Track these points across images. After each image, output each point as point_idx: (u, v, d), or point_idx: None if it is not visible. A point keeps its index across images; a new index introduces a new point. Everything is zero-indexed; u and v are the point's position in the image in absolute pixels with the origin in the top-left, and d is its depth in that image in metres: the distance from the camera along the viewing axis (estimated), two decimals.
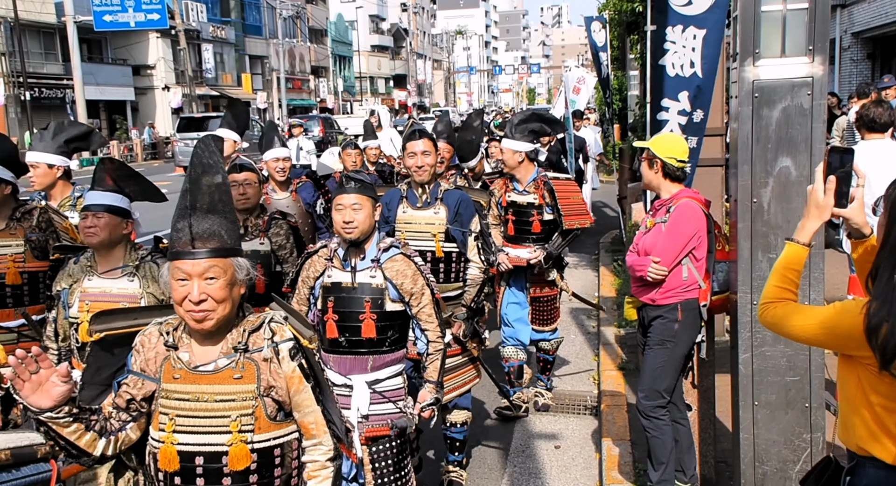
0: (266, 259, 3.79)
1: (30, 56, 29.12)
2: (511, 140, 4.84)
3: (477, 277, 3.94)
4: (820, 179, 1.99)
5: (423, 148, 3.81)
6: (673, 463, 3.63)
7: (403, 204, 3.93)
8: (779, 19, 2.93)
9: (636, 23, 11.11)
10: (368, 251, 3.07)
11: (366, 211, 3.00)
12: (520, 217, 4.92)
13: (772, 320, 2.03)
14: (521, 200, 4.91)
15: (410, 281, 3.05)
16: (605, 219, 12.92)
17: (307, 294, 3.17)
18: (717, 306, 3.63)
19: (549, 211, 4.85)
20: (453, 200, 3.86)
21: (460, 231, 3.83)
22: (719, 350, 4.02)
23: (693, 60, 4.30)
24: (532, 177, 4.88)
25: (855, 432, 1.92)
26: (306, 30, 51.64)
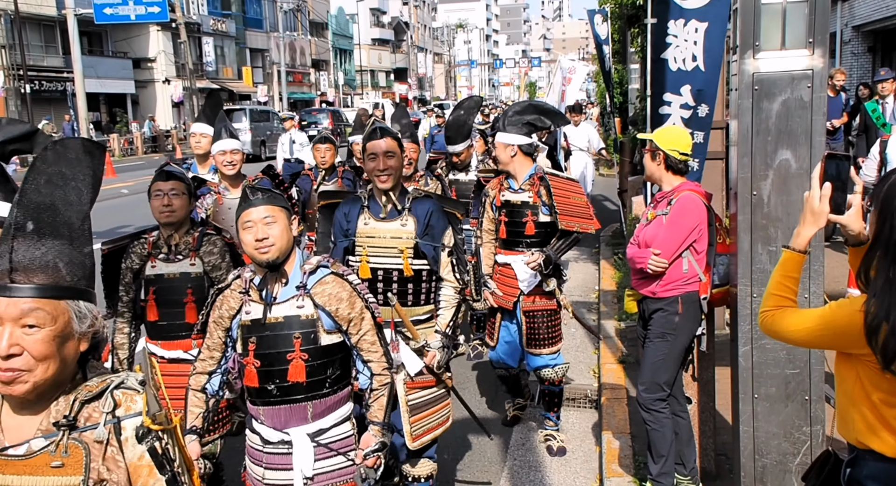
0: (198, 282, 3.36)
1: (30, 49, 29.09)
2: (503, 133, 4.32)
3: (451, 298, 3.44)
4: (816, 185, 1.99)
5: (385, 148, 3.28)
6: (673, 456, 3.63)
7: (365, 215, 3.38)
8: (779, 12, 2.93)
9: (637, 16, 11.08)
10: (291, 276, 2.54)
11: (281, 225, 2.48)
12: (513, 218, 4.37)
13: (771, 328, 2.04)
14: (515, 199, 4.36)
15: (347, 305, 2.55)
16: (606, 212, 12.92)
17: (222, 338, 2.62)
18: (718, 299, 3.64)
19: (545, 212, 4.29)
20: (423, 211, 3.35)
21: (431, 246, 3.34)
22: (719, 343, 4.02)
23: (695, 54, 4.28)
24: (529, 173, 4.34)
25: (854, 426, 1.93)
26: (307, 23, 51.52)
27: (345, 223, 3.39)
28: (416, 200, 3.38)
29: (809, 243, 2.03)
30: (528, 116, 4.32)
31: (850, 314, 1.87)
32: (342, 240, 3.39)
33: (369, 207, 3.39)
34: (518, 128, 4.29)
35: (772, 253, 3.01)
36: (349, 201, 3.45)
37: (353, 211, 3.41)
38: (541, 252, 4.27)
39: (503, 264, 4.43)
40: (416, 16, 77.32)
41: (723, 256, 3.60)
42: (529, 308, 4.39)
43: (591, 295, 7.89)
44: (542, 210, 4.29)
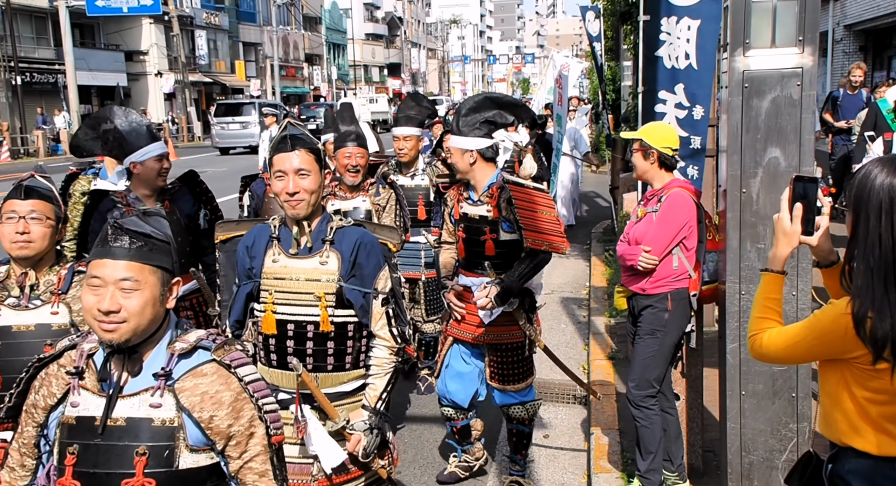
0: (61, 338, 2.27)
1: (21, 40, 28.90)
2: (459, 137, 3.63)
3: (385, 361, 2.62)
4: (785, 207, 2.01)
5: (298, 165, 2.48)
6: (661, 453, 3.65)
7: (274, 249, 2.57)
8: (769, 10, 2.94)
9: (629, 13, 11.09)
10: (149, 359, 1.76)
11: (146, 294, 1.71)
12: (471, 235, 3.69)
13: (760, 351, 2.05)
14: (473, 212, 3.69)
15: (228, 413, 1.74)
16: (597, 209, 12.94)
17: (33, 436, 1.79)
18: (707, 296, 3.65)
19: (507, 228, 3.58)
20: (349, 244, 2.55)
21: (360, 292, 2.54)
22: (708, 340, 4.04)
23: (688, 52, 4.28)
24: (489, 182, 3.64)
25: (837, 427, 1.95)
26: (300, 17, 51.35)
27: (247, 261, 2.59)
28: (340, 230, 2.56)
29: (786, 262, 2.05)
30: (486, 112, 3.62)
31: (834, 318, 1.88)
32: (245, 283, 2.60)
33: (280, 239, 2.57)
34: (475, 129, 3.60)
35: (760, 251, 3.02)
36: (255, 232, 2.64)
37: (258, 244, 2.59)
38: (495, 283, 3.50)
39: (465, 287, 3.76)
40: (410, 11, 77.16)
41: (712, 252, 3.62)
42: (495, 341, 3.70)
43: (581, 291, 7.91)
44: (503, 226, 3.59)
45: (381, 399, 2.61)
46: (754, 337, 2.06)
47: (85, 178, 4.39)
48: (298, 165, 2.47)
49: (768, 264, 2.08)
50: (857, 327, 1.81)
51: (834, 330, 1.87)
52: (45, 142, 27.35)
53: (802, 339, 1.95)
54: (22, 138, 27.45)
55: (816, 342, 1.92)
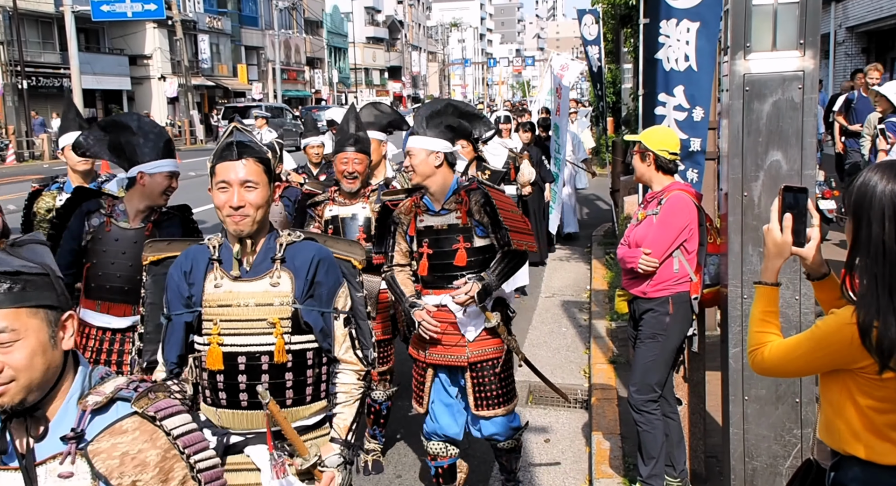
0: None
1: (28, 45, 28.99)
2: (423, 137, 3.32)
3: (353, 388, 2.39)
4: (775, 218, 1.99)
5: (244, 176, 2.19)
6: (663, 458, 3.63)
7: (215, 272, 2.27)
8: (770, 13, 2.92)
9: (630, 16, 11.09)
10: (58, 415, 1.48)
11: (30, 344, 1.42)
12: (439, 248, 3.35)
13: (762, 366, 2.02)
14: (439, 223, 3.36)
15: (155, 476, 1.45)
16: (598, 212, 12.92)
17: None
18: (709, 300, 3.63)
19: (480, 233, 3.34)
20: (304, 260, 2.27)
21: (318, 312, 2.29)
22: (710, 344, 4.02)
23: (688, 54, 4.27)
24: (452, 188, 3.37)
25: (840, 436, 1.92)
26: (302, 21, 51.43)
27: (185, 288, 2.28)
28: (292, 246, 2.28)
29: (778, 274, 2.02)
30: (449, 118, 3.42)
31: (838, 328, 1.85)
32: (181, 312, 2.29)
33: (221, 260, 2.26)
34: (441, 131, 3.36)
35: (762, 254, 2.99)
36: (191, 254, 2.32)
37: (197, 269, 2.28)
38: (474, 279, 3.26)
39: (436, 307, 3.39)
40: (411, 14, 77.25)
41: (713, 256, 3.60)
42: (478, 358, 3.38)
43: (582, 295, 7.88)
44: (476, 232, 3.34)
45: (350, 430, 2.37)
46: (755, 352, 2.02)
47: (49, 194, 4.11)
48: (245, 175, 2.17)
49: (761, 276, 2.06)
50: (862, 336, 1.78)
51: (839, 340, 1.84)
52: (50, 145, 27.40)
53: (806, 350, 1.91)
54: (28, 142, 27.51)
55: (821, 354, 1.89)
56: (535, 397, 5.30)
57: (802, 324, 2.92)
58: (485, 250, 3.37)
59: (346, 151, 3.99)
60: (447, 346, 3.40)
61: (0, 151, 26.03)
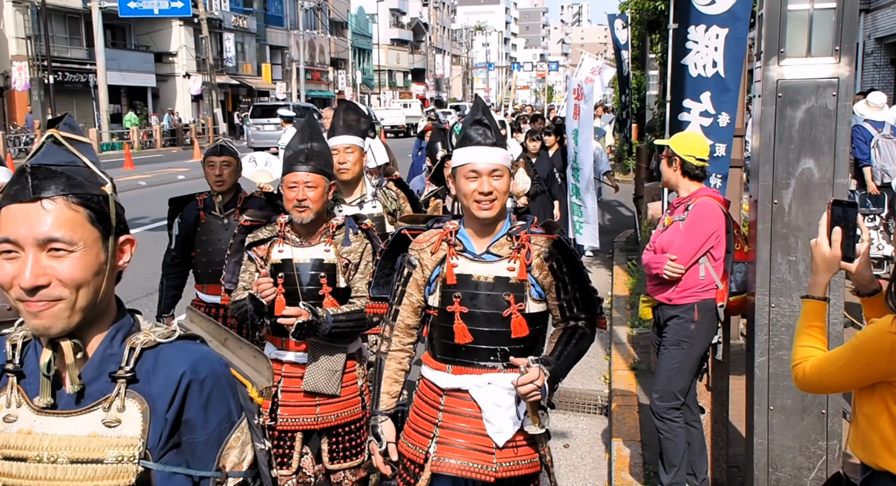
0: None
1: (55, 40, 29.37)
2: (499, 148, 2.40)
3: None
4: (824, 232, 1.96)
5: (44, 232, 1.23)
6: (685, 466, 3.60)
7: (7, 397, 1.31)
8: (805, 19, 2.89)
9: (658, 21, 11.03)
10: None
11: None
12: (479, 308, 2.36)
13: (804, 381, 1.99)
14: (484, 273, 2.37)
15: None
16: (621, 218, 12.86)
17: None
18: (735, 308, 3.60)
19: (537, 295, 2.38)
20: (167, 381, 1.32)
21: (188, 477, 1.33)
22: (733, 353, 3.98)
23: (715, 60, 4.24)
24: (505, 226, 2.42)
25: (874, 450, 1.89)
26: (327, 22, 51.72)
27: None
28: (154, 351, 1.34)
29: (827, 288, 1.99)
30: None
31: (878, 337, 1.81)
32: None
33: (25, 374, 1.31)
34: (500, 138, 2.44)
35: (791, 263, 2.96)
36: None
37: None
38: (539, 363, 2.22)
39: (452, 391, 2.41)
40: (436, 17, 77.40)
41: (740, 263, 3.56)
42: (508, 473, 2.37)
43: (603, 301, 7.84)
44: (532, 293, 2.38)
45: None
46: (797, 366, 1.98)
47: None
48: (47, 230, 1.23)
49: (808, 290, 2.02)
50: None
51: (879, 350, 1.81)
52: None
53: (845, 362, 1.87)
54: None
55: (861, 364, 1.85)
56: (555, 401, 5.27)
57: (830, 334, 2.88)
58: (535, 320, 2.41)
59: (294, 170, 2.90)
60: (465, 450, 2.37)
61: (26, 145, 26.39)
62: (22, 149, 25.79)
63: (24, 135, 26.44)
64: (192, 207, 4.04)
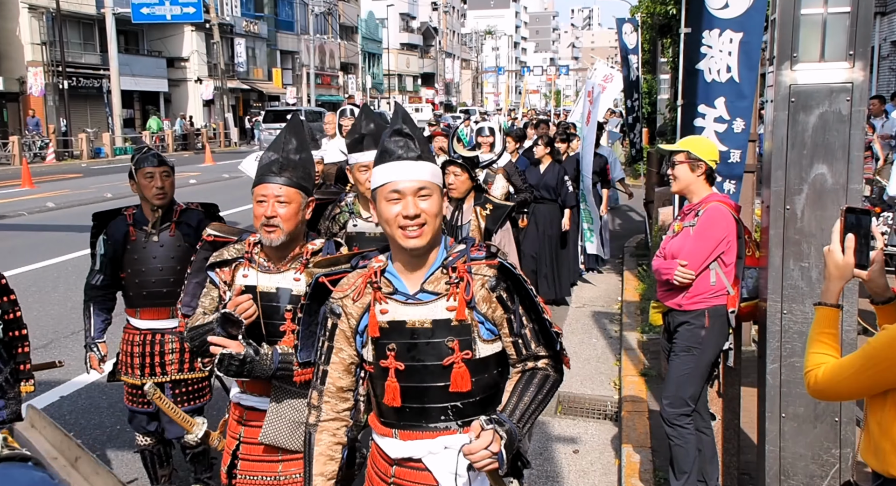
0: None
1: (69, 46, 29.64)
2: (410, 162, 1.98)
3: None
4: (837, 239, 1.95)
5: None
6: (695, 473, 3.57)
7: None
8: (818, 23, 2.87)
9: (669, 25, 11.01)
10: None
11: None
12: (415, 360, 1.95)
13: (816, 388, 1.97)
14: (417, 317, 1.95)
15: None
16: (631, 223, 12.82)
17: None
18: (746, 314, 3.57)
19: (487, 334, 1.96)
20: None
21: None
22: (745, 359, 3.95)
23: (730, 65, 4.21)
24: (439, 257, 1.99)
25: (886, 458, 1.87)
26: (337, 26, 51.92)
27: None
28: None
29: (840, 295, 1.98)
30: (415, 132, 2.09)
31: (889, 343, 1.79)
32: None
33: None
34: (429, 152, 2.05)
35: (804, 269, 2.94)
36: None
37: None
38: (492, 424, 1.79)
39: (403, 461, 2.01)
40: (446, 22, 77.54)
41: (751, 269, 3.54)
42: None
43: (613, 306, 7.81)
44: (480, 332, 1.95)
45: None
46: (809, 373, 1.97)
47: None
48: None
49: (821, 297, 2.01)
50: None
51: (891, 357, 1.79)
52: (89, 145, 27.98)
53: (857, 369, 1.86)
54: (66, 141, 28.09)
55: (873, 371, 1.83)
56: (564, 407, 5.26)
57: (844, 341, 2.85)
58: (490, 364, 1.99)
59: (265, 181, 2.47)
60: None
61: (41, 149, 26.61)
62: (37, 153, 26.02)
63: (38, 139, 26.66)
64: (120, 222, 3.61)
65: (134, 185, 3.58)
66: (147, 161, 3.56)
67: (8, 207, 14.81)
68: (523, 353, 1.98)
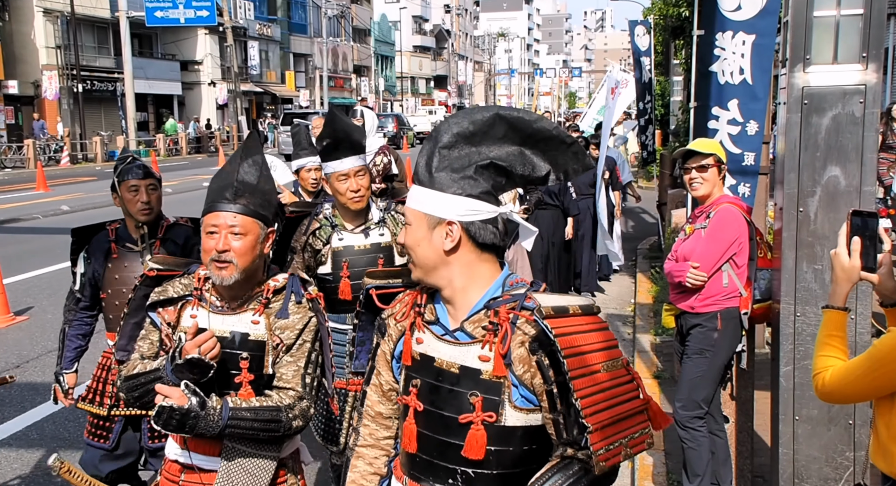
0: None
1: (84, 50, 29.93)
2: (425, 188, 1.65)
3: None
4: (843, 242, 1.96)
5: None
6: (709, 476, 3.56)
7: None
8: (831, 25, 2.86)
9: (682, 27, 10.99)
10: None
11: None
12: (437, 407, 1.68)
13: (823, 390, 1.98)
14: (447, 357, 1.66)
15: None
16: (644, 225, 12.79)
17: None
18: (759, 315, 3.57)
19: (521, 402, 1.59)
20: None
21: None
22: (759, 362, 3.94)
23: (742, 67, 4.21)
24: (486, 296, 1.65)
25: (893, 460, 1.87)
26: (350, 29, 52.11)
27: None
28: None
29: (847, 299, 1.98)
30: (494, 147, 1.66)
31: (893, 346, 1.80)
32: None
33: None
34: (466, 177, 1.62)
35: (817, 271, 2.93)
36: None
37: None
38: None
39: None
40: (458, 24, 77.64)
41: (764, 270, 3.53)
42: None
43: (626, 308, 7.80)
44: (512, 396, 1.59)
45: None
46: (817, 376, 1.98)
47: None
48: None
49: (829, 300, 2.02)
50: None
51: (894, 359, 1.79)
52: (103, 148, 28.23)
53: (864, 371, 1.86)
54: (81, 144, 28.36)
55: (878, 374, 1.84)
56: None
57: (858, 344, 2.85)
58: (519, 436, 1.61)
59: (215, 209, 2.12)
60: None
61: (55, 152, 26.86)
62: (52, 157, 26.28)
63: (53, 142, 26.92)
64: (102, 238, 3.30)
65: (117, 198, 3.26)
66: (131, 173, 3.23)
67: (23, 210, 14.96)
68: (563, 436, 1.57)
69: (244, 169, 2.17)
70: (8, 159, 25.75)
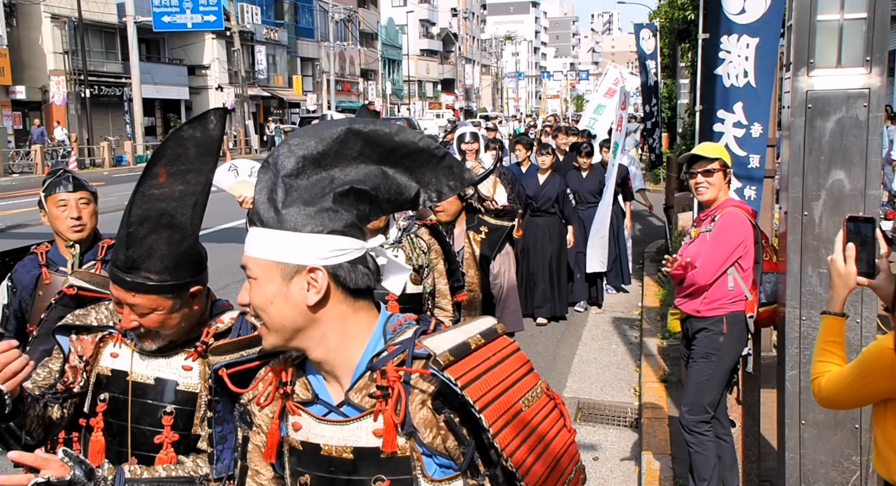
0: None
1: (91, 55, 30.08)
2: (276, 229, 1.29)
3: None
4: (839, 248, 1.96)
5: None
6: (716, 480, 3.56)
7: None
8: (835, 29, 2.86)
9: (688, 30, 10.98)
10: None
11: None
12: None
13: (820, 396, 2.00)
14: (334, 440, 1.33)
15: None
16: (651, 228, 12.76)
17: None
18: (765, 319, 3.56)
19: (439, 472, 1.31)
20: None
21: None
22: (765, 366, 3.93)
23: (747, 70, 4.21)
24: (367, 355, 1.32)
25: (891, 467, 1.88)
26: (357, 33, 52.22)
27: None
28: None
29: (844, 304, 1.98)
30: (349, 168, 1.33)
31: (878, 354, 1.82)
32: None
33: None
34: (324, 210, 1.28)
35: (822, 275, 2.93)
36: None
37: None
38: None
39: None
40: (465, 27, 77.72)
41: (769, 274, 3.53)
42: None
43: (633, 311, 7.79)
44: (426, 469, 1.29)
45: None
46: (815, 381, 1.99)
47: None
48: None
49: (827, 306, 2.02)
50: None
51: (880, 367, 1.81)
52: (111, 153, 28.37)
53: (853, 378, 1.88)
54: (89, 149, 28.51)
55: (866, 381, 1.85)
56: (584, 413, 5.26)
57: (863, 347, 2.84)
58: None
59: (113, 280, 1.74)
60: None
61: (63, 157, 27.01)
62: (59, 162, 26.42)
63: (60, 148, 27.06)
64: (29, 264, 2.81)
65: (45, 215, 2.82)
66: (59, 186, 2.78)
67: (30, 216, 15.05)
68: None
69: (137, 220, 1.63)
70: (16, 165, 25.91)
